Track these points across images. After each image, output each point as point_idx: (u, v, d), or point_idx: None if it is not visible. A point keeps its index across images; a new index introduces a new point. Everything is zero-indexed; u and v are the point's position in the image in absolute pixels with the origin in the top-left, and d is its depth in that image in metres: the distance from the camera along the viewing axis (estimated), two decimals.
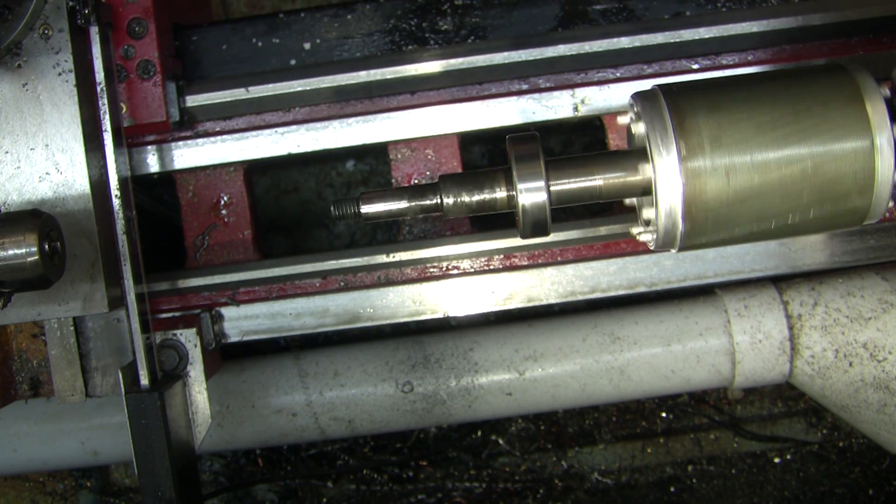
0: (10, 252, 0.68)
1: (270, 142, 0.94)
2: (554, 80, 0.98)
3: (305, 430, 1.16)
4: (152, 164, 0.93)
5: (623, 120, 0.79)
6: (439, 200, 0.77)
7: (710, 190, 0.71)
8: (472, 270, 1.03)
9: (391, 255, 0.99)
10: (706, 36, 0.97)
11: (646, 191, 0.75)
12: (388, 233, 1.45)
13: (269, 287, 0.95)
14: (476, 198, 0.77)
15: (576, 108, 0.97)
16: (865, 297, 1.07)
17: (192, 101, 0.90)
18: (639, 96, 0.75)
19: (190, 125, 0.93)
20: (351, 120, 0.99)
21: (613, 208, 1.07)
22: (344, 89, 0.96)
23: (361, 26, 1.04)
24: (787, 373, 1.12)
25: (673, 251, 0.77)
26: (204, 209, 0.95)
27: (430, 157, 1.02)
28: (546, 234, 0.77)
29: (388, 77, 0.96)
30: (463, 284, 1.04)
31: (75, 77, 0.78)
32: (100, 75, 0.80)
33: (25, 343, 0.94)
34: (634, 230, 0.79)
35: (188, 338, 0.91)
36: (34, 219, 0.69)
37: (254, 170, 0.99)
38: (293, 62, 0.99)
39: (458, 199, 0.76)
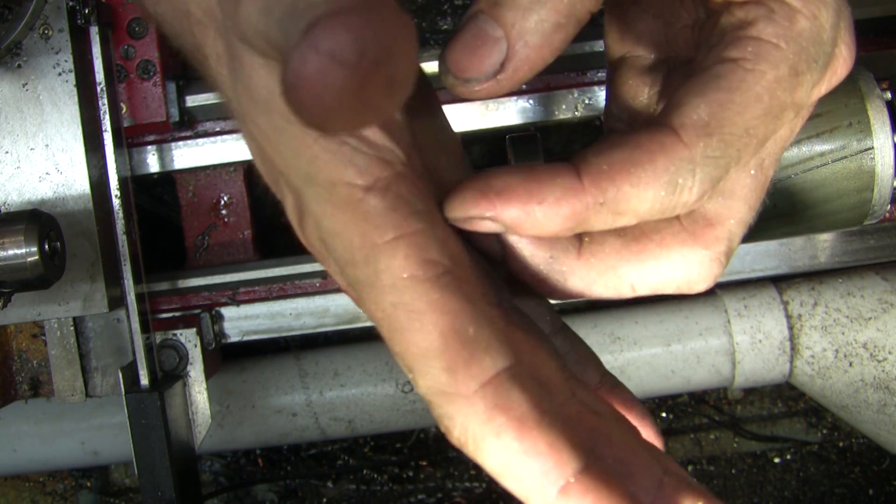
0: (10, 252, 0.68)
1: None
2: (554, 81, 0.98)
3: (305, 430, 1.16)
4: (152, 164, 0.93)
5: None
6: None
7: None
8: None
9: None
10: None
11: None
12: None
13: (269, 287, 0.95)
14: None
15: (576, 108, 0.97)
16: (865, 297, 1.07)
17: (192, 101, 0.90)
18: None
19: (190, 125, 0.93)
20: None
21: None
22: None
23: None
24: (787, 373, 1.12)
25: None
26: (204, 209, 0.95)
27: None
28: None
29: None
30: None
31: (75, 77, 0.78)
32: (100, 75, 0.80)
33: (25, 343, 0.94)
34: None
35: (188, 338, 0.91)
36: (34, 219, 0.69)
37: (254, 170, 0.99)
38: None
39: None
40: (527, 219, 0.32)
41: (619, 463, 0.31)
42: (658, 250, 0.36)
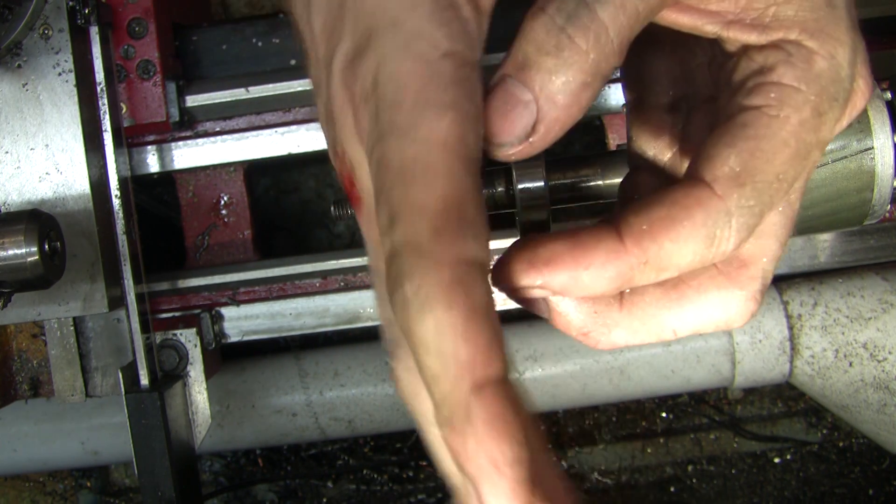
0: (10, 252, 0.68)
1: (270, 142, 0.94)
2: None
3: (305, 430, 1.16)
4: (152, 164, 0.93)
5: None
6: None
7: None
8: None
9: None
10: None
11: None
12: None
13: (269, 287, 0.95)
14: None
15: None
16: (865, 297, 1.07)
17: (192, 101, 0.90)
18: None
19: (190, 125, 0.93)
20: None
21: (614, 208, 1.07)
22: None
23: None
24: (787, 373, 1.12)
25: None
26: (204, 209, 0.95)
27: None
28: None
29: None
30: None
31: (75, 77, 0.78)
32: (100, 75, 0.80)
33: (25, 343, 0.94)
34: None
35: (188, 338, 0.91)
36: (34, 219, 0.69)
37: (254, 170, 0.99)
38: (293, 62, 0.99)
39: None
40: (574, 284, 0.33)
41: None
42: (696, 295, 0.37)
